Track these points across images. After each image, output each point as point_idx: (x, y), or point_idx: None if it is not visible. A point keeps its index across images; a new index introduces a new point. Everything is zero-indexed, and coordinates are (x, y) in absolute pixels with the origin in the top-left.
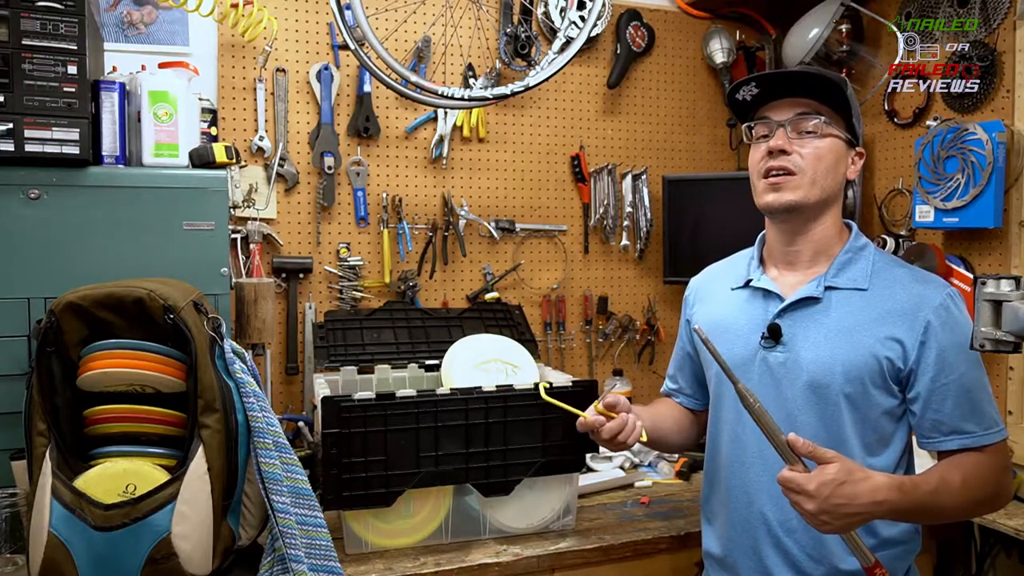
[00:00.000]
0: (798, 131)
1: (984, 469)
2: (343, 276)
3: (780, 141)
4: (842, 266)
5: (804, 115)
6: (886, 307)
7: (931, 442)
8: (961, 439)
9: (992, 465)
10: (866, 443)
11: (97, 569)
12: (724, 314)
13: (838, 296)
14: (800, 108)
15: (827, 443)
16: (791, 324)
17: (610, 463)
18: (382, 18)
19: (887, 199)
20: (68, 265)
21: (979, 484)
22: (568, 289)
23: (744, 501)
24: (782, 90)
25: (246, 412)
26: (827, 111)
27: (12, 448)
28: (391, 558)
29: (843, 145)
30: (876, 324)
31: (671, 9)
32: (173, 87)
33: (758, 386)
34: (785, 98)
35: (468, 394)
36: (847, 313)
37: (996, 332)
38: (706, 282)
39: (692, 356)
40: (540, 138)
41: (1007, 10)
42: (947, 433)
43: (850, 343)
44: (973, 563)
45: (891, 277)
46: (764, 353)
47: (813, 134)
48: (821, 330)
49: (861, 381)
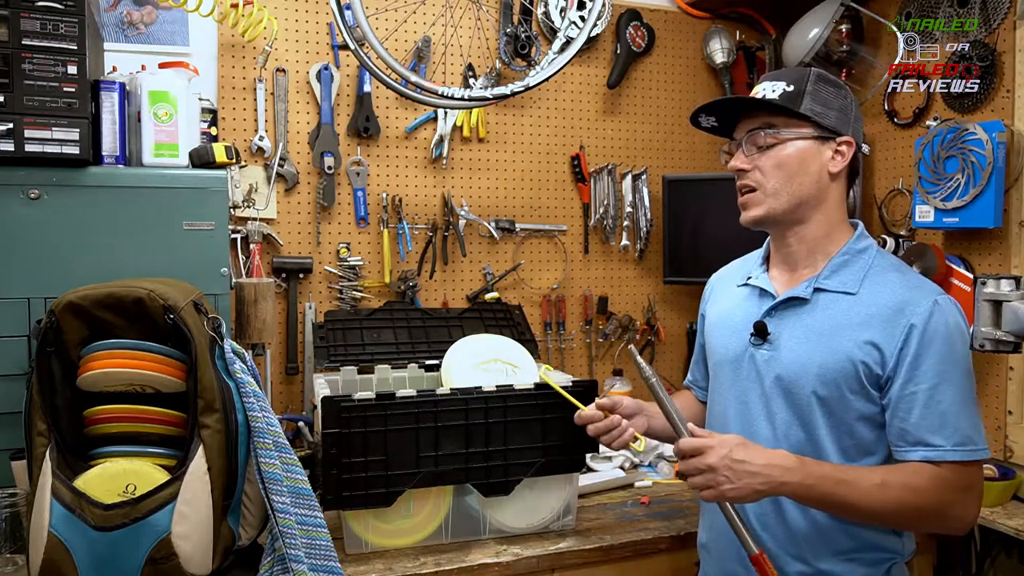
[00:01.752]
0: (756, 146)
1: (926, 481)
2: (343, 276)
3: (736, 161)
4: (836, 268)
5: (754, 131)
6: (869, 312)
7: (898, 451)
8: (924, 451)
9: (941, 480)
10: (843, 447)
11: (97, 569)
12: (728, 309)
13: (825, 298)
14: (752, 124)
15: (804, 442)
16: (778, 323)
17: (610, 463)
18: (382, 18)
19: (887, 199)
20: (68, 265)
21: (904, 492)
22: (568, 289)
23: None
24: (738, 112)
25: (246, 412)
26: (781, 120)
27: (12, 448)
28: (391, 558)
29: (811, 144)
30: (856, 328)
31: (671, 9)
32: (173, 87)
33: (746, 380)
34: (742, 119)
35: (468, 394)
36: (830, 316)
37: (996, 332)
38: (721, 279)
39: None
40: (540, 138)
41: (1007, 10)
42: (912, 443)
43: (828, 346)
44: (973, 563)
45: (882, 281)
46: (752, 350)
47: (770, 146)
48: (802, 330)
49: (836, 384)
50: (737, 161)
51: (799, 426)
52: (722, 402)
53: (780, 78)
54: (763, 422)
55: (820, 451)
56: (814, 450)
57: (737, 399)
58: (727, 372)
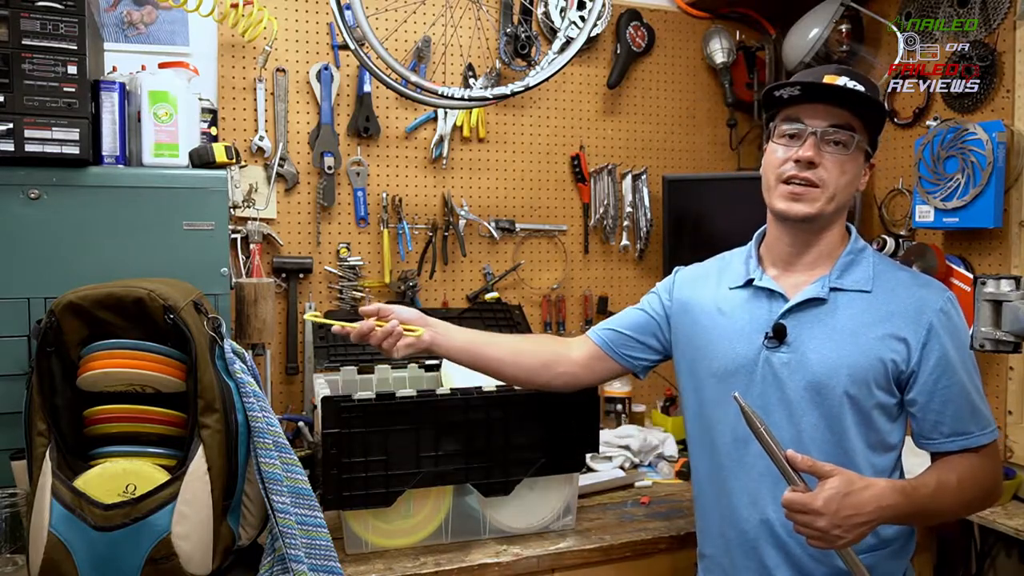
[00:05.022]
0: (826, 140)
1: (978, 470)
2: (343, 276)
3: (810, 152)
4: (844, 268)
5: (837, 127)
6: (889, 309)
7: (931, 443)
8: (961, 440)
9: (985, 466)
10: (869, 443)
11: (97, 569)
12: (727, 313)
13: (842, 297)
14: (835, 119)
15: (832, 444)
16: (796, 325)
17: (610, 463)
18: (382, 18)
19: (887, 199)
20: (68, 265)
21: (973, 485)
22: (568, 289)
23: (746, 500)
24: (820, 94)
25: (246, 412)
26: (859, 125)
27: (12, 448)
28: (391, 558)
29: (863, 159)
30: (880, 325)
31: (671, 9)
32: (173, 87)
33: (761, 386)
34: (821, 103)
35: (468, 394)
36: (852, 315)
37: (996, 332)
38: (694, 279)
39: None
40: (540, 138)
41: (1007, 10)
42: (947, 435)
43: (856, 345)
44: (973, 563)
45: (893, 280)
46: (768, 353)
47: (843, 147)
48: (827, 331)
49: (866, 383)
50: (811, 152)
51: (827, 428)
52: (727, 412)
53: (857, 79)
54: (786, 427)
55: (848, 450)
56: (841, 449)
57: (752, 406)
58: (736, 379)
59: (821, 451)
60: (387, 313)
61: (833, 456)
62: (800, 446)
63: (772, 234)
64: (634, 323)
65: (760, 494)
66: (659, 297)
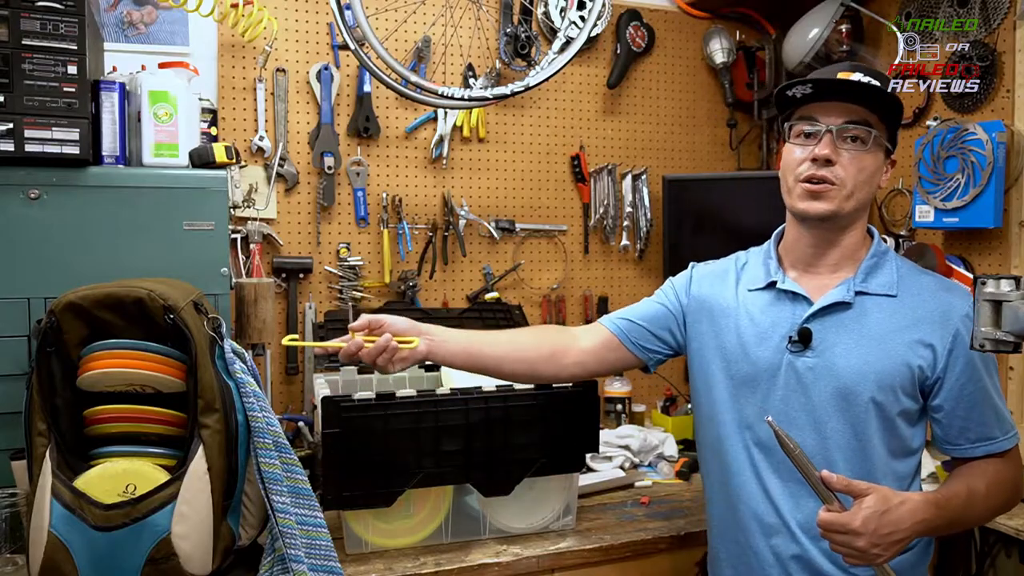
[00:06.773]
0: (843, 137)
1: (1004, 475)
2: (343, 276)
3: (827, 150)
4: (869, 271)
5: (854, 123)
6: (916, 314)
7: (957, 448)
8: (988, 446)
9: (1010, 471)
10: (891, 449)
11: (97, 569)
12: (746, 315)
13: (868, 301)
14: (851, 115)
15: (855, 450)
16: (821, 329)
17: (610, 463)
18: (382, 18)
19: (887, 199)
20: (68, 265)
21: (999, 490)
22: (568, 289)
23: (765, 508)
24: (833, 91)
25: (246, 412)
26: (875, 120)
27: (12, 448)
28: (391, 558)
29: (883, 155)
30: (908, 331)
31: (671, 9)
32: (173, 87)
33: (783, 391)
34: (835, 100)
35: (468, 394)
36: (878, 320)
37: (996, 332)
38: (712, 277)
39: (669, 316)
40: (540, 138)
41: (1007, 10)
42: (974, 440)
43: (883, 350)
44: (973, 563)
45: (918, 284)
46: (791, 358)
47: (860, 143)
48: (854, 336)
49: (892, 389)
50: (828, 149)
51: (852, 434)
52: (743, 415)
53: (871, 74)
54: (809, 432)
55: (870, 455)
56: (864, 455)
57: (774, 411)
58: (758, 384)
59: (844, 457)
60: (378, 325)
61: (856, 462)
62: (824, 452)
63: (792, 235)
64: (650, 315)
65: (781, 498)
66: (676, 292)
